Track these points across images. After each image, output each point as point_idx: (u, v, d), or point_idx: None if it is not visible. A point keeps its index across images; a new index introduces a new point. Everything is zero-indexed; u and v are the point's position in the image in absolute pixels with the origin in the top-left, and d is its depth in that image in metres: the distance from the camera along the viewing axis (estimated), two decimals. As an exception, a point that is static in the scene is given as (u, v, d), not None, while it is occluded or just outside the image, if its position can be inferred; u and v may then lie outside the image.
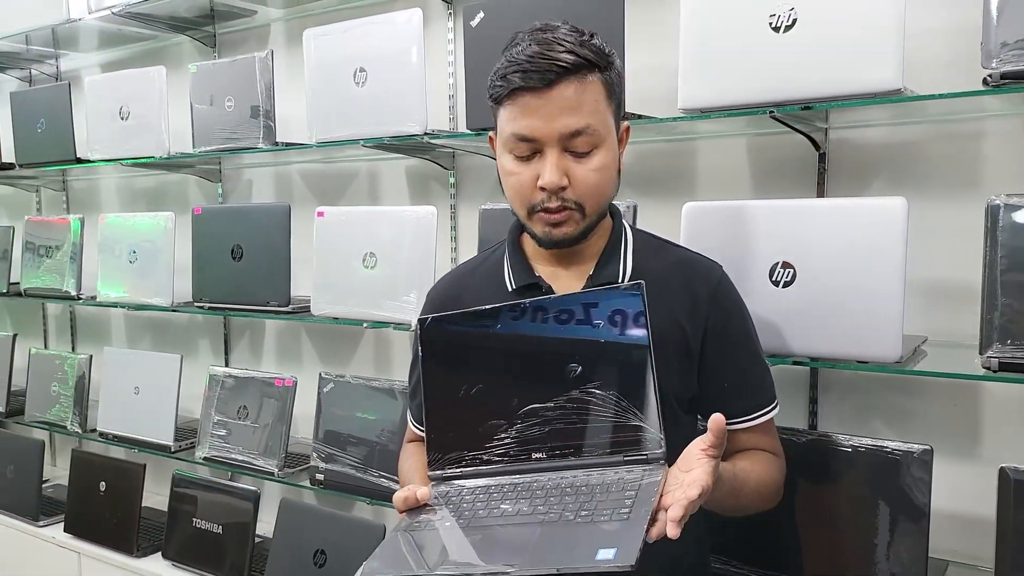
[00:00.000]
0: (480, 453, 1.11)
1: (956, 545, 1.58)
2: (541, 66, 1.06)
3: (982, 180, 1.55)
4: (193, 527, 2.31)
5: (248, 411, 2.29)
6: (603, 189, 1.13)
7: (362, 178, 2.42)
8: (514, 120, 1.11)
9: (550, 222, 1.12)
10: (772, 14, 1.44)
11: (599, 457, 1.05)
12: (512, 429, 1.10)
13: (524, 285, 1.20)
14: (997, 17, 1.28)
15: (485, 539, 0.97)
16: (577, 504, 0.97)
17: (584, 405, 1.07)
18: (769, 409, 1.22)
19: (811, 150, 1.69)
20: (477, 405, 1.12)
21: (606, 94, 1.11)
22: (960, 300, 1.55)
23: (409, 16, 1.89)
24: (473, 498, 1.06)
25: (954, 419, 1.61)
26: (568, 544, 0.91)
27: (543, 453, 1.08)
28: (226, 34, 2.68)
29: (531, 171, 1.11)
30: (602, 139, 1.11)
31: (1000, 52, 1.28)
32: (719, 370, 1.19)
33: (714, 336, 1.18)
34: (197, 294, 2.35)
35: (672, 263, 1.20)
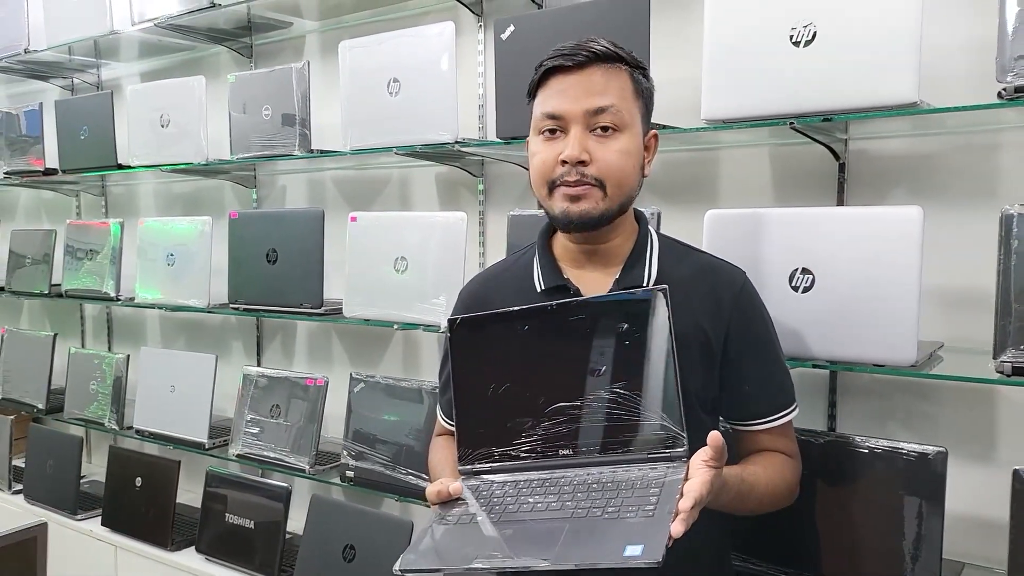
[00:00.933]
0: (508, 449, 1.15)
1: (971, 547, 1.61)
2: (574, 50, 1.16)
3: (997, 190, 1.59)
4: (226, 522, 2.39)
5: (280, 410, 2.37)
6: (625, 173, 1.17)
7: (393, 184, 2.49)
8: (544, 101, 1.18)
9: (569, 195, 1.16)
10: (792, 28, 1.49)
11: (624, 454, 1.09)
12: (540, 427, 1.13)
13: (553, 287, 1.23)
14: (1012, 32, 1.32)
15: (516, 533, 1.00)
16: (604, 500, 1.01)
17: (609, 404, 1.10)
18: (788, 412, 1.25)
19: (831, 160, 1.73)
20: (505, 403, 1.16)
21: (633, 88, 1.18)
22: (975, 307, 1.58)
23: (442, 29, 1.96)
24: (503, 492, 1.10)
25: (969, 422, 1.64)
26: (597, 540, 0.94)
27: (570, 450, 1.12)
28: (263, 45, 2.77)
29: (555, 149, 1.16)
30: (626, 124, 1.16)
31: (1014, 66, 1.32)
32: (740, 373, 1.22)
33: (736, 340, 1.21)
34: (233, 296, 2.43)
35: (696, 268, 1.24)
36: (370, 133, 2.13)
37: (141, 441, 2.75)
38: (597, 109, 1.15)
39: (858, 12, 1.43)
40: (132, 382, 2.82)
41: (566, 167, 1.15)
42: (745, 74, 1.54)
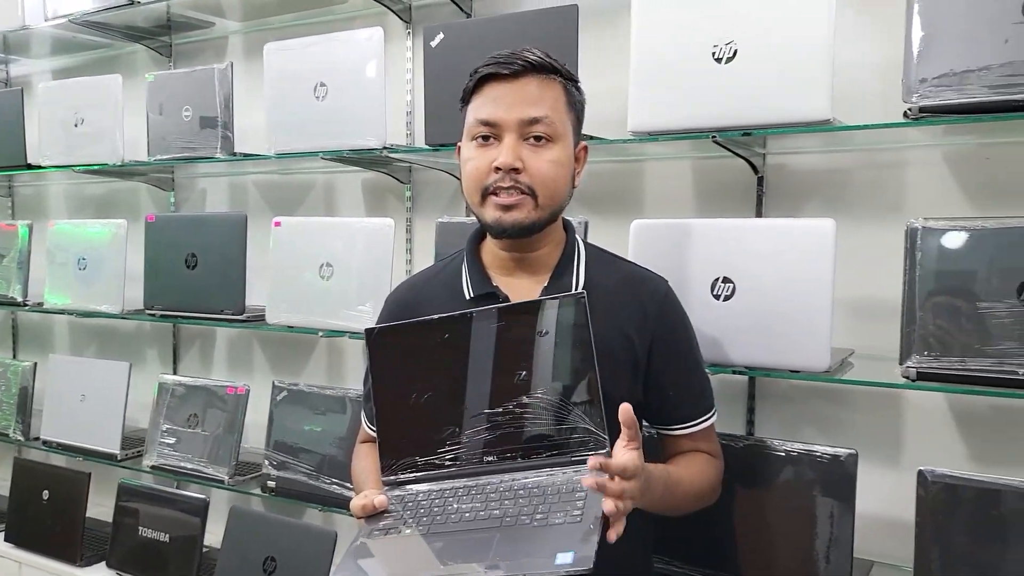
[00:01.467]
0: (432, 458, 1.14)
1: (879, 546, 1.68)
2: (510, 59, 1.17)
3: (903, 205, 1.67)
4: (139, 536, 2.30)
5: (198, 419, 2.30)
6: (556, 183, 1.19)
7: (318, 190, 2.46)
8: (479, 108, 1.19)
9: (502, 205, 1.17)
10: (715, 46, 1.54)
11: (548, 459, 1.10)
12: (463, 434, 1.13)
13: (482, 294, 1.24)
14: (917, 56, 1.40)
15: (447, 545, 1.00)
16: (532, 507, 1.02)
17: (532, 410, 1.11)
18: (709, 416, 1.29)
19: (750, 173, 1.80)
20: (428, 412, 1.15)
21: (566, 100, 1.21)
22: (883, 316, 1.66)
23: (371, 34, 1.95)
24: (429, 502, 1.09)
25: (877, 426, 1.72)
26: (528, 548, 0.95)
27: (494, 456, 1.12)
28: (182, 45, 2.70)
29: (488, 156, 1.18)
30: (559, 135, 1.19)
31: (919, 88, 1.39)
32: (664, 379, 1.25)
33: (660, 347, 1.24)
34: (149, 302, 2.36)
35: (622, 277, 1.27)
36: (296, 137, 2.10)
37: (48, 452, 2.63)
38: (531, 119, 1.16)
39: (775, 32, 1.49)
40: (39, 391, 2.70)
41: (499, 174, 1.16)
42: (670, 89, 1.59)
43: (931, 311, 1.37)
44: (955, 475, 1.38)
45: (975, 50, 1.36)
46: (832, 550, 1.45)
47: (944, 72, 1.38)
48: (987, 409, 1.62)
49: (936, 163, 1.65)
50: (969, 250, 1.35)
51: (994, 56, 1.34)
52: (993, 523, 1.34)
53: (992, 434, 1.62)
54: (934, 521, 1.39)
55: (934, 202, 1.64)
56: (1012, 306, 1.31)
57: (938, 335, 1.36)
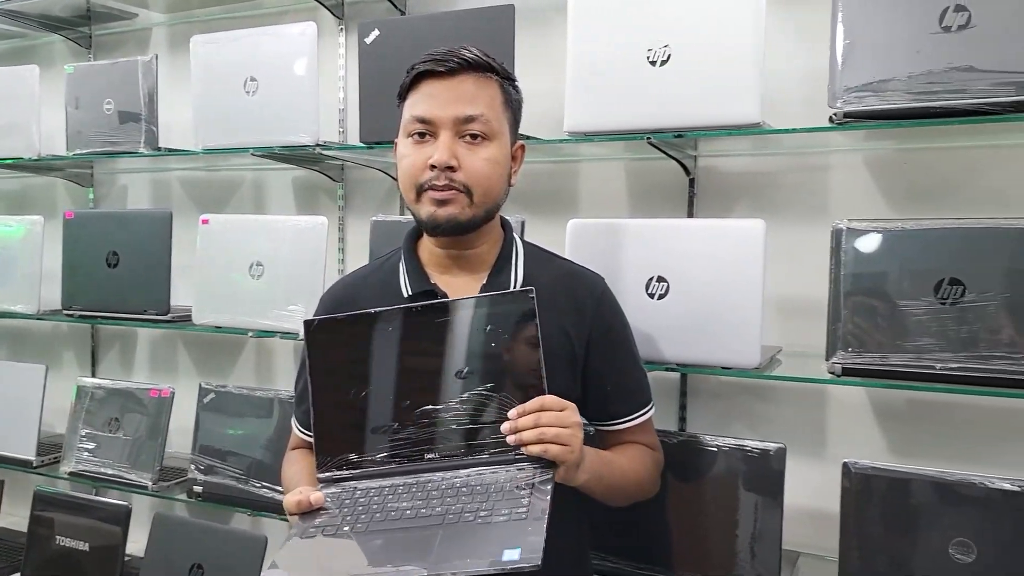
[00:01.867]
0: (371, 455, 1.12)
1: (807, 537, 1.73)
2: (447, 56, 1.17)
3: (829, 207, 1.74)
4: (56, 545, 2.20)
5: (120, 424, 2.22)
6: (492, 181, 1.19)
7: (247, 188, 2.40)
8: (415, 105, 1.19)
9: (436, 200, 1.17)
10: (649, 49, 1.56)
11: (491, 456, 1.08)
12: (404, 430, 1.11)
13: (419, 292, 1.23)
14: (841, 63, 1.45)
15: (387, 543, 0.97)
16: (475, 504, 1.00)
17: (476, 407, 1.09)
18: (646, 410, 1.31)
19: (682, 175, 1.83)
20: (367, 407, 1.13)
21: (503, 98, 1.21)
22: (809, 314, 1.72)
23: (304, 29, 1.91)
24: (367, 500, 1.07)
25: (804, 421, 1.78)
26: (472, 545, 0.93)
27: (435, 453, 1.10)
28: (103, 36, 2.61)
29: (424, 153, 1.17)
30: (495, 133, 1.19)
31: (844, 94, 1.45)
32: (602, 375, 1.27)
33: (597, 343, 1.26)
34: (67, 301, 2.26)
35: (559, 275, 1.28)
36: (224, 133, 2.04)
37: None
38: (467, 117, 1.16)
39: (708, 37, 1.52)
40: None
41: (435, 172, 1.16)
42: (606, 90, 1.61)
43: (855, 309, 1.42)
44: (877, 467, 1.43)
45: (895, 59, 1.42)
46: (761, 542, 1.49)
47: (866, 79, 1.43)
48: (905, 403, 1.69)
49: (858, 167, 1.71)
50: (890, 250, 1.41)
51: (912, 65, 1.40)
52: (912, 512, 1.40)
53: (909, 427, 1.70)
54: (858, 511, 1.44)
55: (857, 204, 1.71)
56: (930, 304, 1.37)
57: (861, 332, 1.42)
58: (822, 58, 1.49)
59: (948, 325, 1.35)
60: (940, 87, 1.38)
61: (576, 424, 1.07)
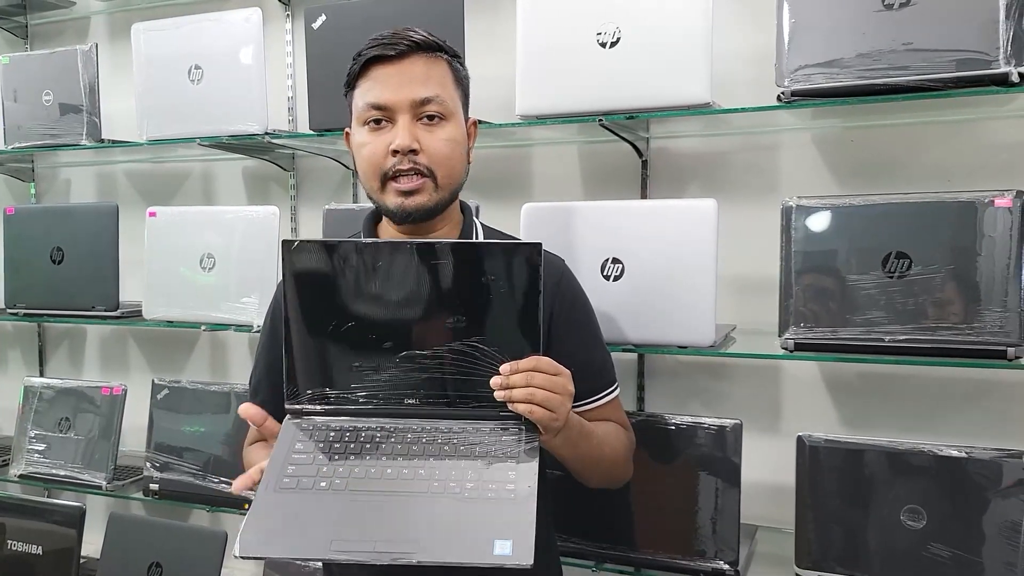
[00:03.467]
0: (347, 392, 1.06)
1: (763, 511, 1.77)
2: (394, 40, 1.15)
3: (779, 185, 1.76)
4: (8, 550, 2.15)
5: (71, 423, 2.17)
6: (453, 161, 1.18)
7: (195, 179, 2.36)
8: (367, 92, 1.17)
9: (403, 190, 1.15)
10: (600, 31, 1.57)
11: (474, 410, 1.04)
12: (385, 372, 1.05)
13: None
14: (788, 43, 1.47)
15: (371, 510, 0.93)
16: (460, 472, 0.96)
17: (465, 358, 1.04)
18: (612, 390, 1.30)
19: (635, 157, 1.84)
20: (348, 342, 1.06)
21: (453, 76, 1.20)
22: (763, 292, 1.74)
23: (249, 15, 1.87)
24: (343, 446, 1.01)
25: (759, 397, 1.81)
26: (463, 530, 0.90)
27: (416, 400, 1.05)
28: (40, 25, 2.53)
29: (384, 140, 1.16)
30: (451, 113, 1.18)
31: (791, 73, 1.47)
32: (566, 355, 1.22)
33: (560, 324, 1.25)
34: (10, 300, 2.20)
35: None
36: (170, 123, 2.00)
37: (-103, 468, 2.42)
38: (424, 99, 1.15)
39: (657, 18, 1.53)
40: None
41: (397, 157, 1.15)
42: (557, 73, 1.60)
43: (806, 285, 1.45)
44: (830, 439, 1.47)
45: (840, 38, 1.44)
46: (720, 517, 1.52)
47: (813, 59, 1.45)
48: (855, 376, 1.73)
49: (806, 145, 1.74)
50: (838, 226, 1.43)
51: (857, 43, 1.43)
52: (864, 481, 1.44)
53: (860, 399, 1.73)
54: (812, 483, 1.47)
55: (806, 182, 1.74)
56: (878, 278, 1.40)
57: (812, 307, 1.44)
58: (769, 38, 1.51)
59: (896, 298, 1.38)
60: (884, 65, 1.41)
61: (568, 393, 1.05)
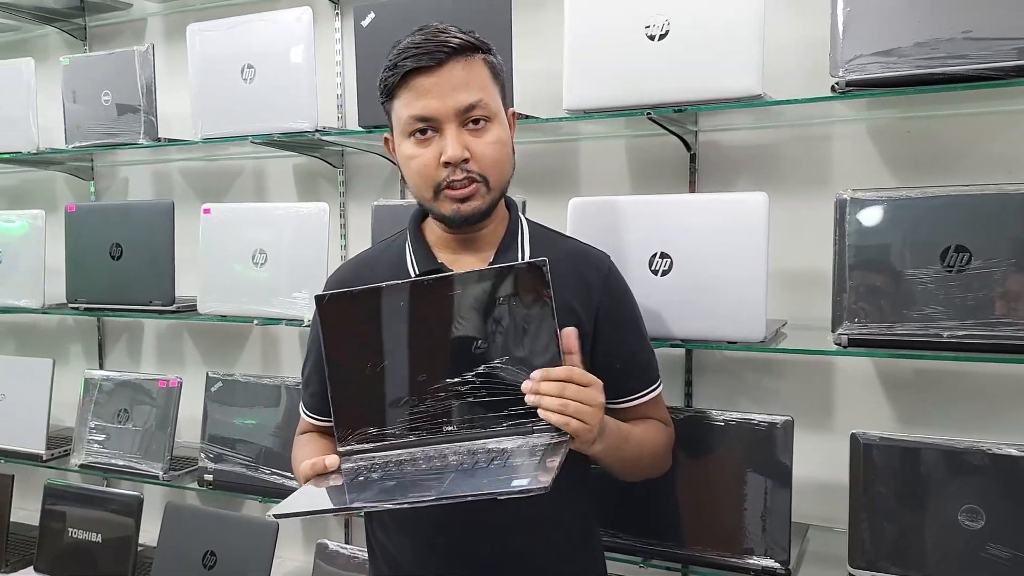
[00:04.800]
0: (390, 428, 1.13)
1: (815, 510, 1.74)
2: (430, 48, 1.14)
3: (832, 178, 1.73)
4: (69, 537, 2.22)
5: (129, 415, 2.23)
6: (503, 163, 1.19)
7: (247, 177, 2.40)
8: (410, 104, 1.16)
9: (458, 198, 1.16)
10: (648, 24, 1.55)
11: (508, 428, 1.08)
12: (422, 404, 1.11)
13: (427, 271, 1.23)
14: (843, 31, 1.44)
15: (399, 484, 1.00)
16: (489, 457, 1.02)
17: (493, 379, 1.09)
18: (656, 386, 1.31)
19: (683, 151, 1.82)
20: (384, 381, 1.13)
21: (491, 74, 1.19)
22: (814, 286, 1.71)
23: (300, 14, 1.90)
24: (385, 464, 1.08)
25: (811, 393, 1.77)
26: (483, 478, 0.96)
27: (454, 426, 1.10)
28: (98, 27, 2.59)
29: (432, 151, 1.16)
30: (494, 114, 1.18)
31: (846, 63, 1.44)
32: (611, 352, 1.26)
33: (606, 321, 1.25)
34: (72, 295, 2.27)
35: (565, 253, 1.27)
36: (223, 121, 2.04)
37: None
38: (468, 106, 1.15)
39: (707, 9, 1.51)
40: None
41: (449, 168, 1.15)
42: (604, 66, 1.60)
43: (860, 279, 1.42)
44: (885, 436, 1.44)
45: (897, 26, 1.41)
46: (770, 515, 1.50)
47: (868, 48, 1.42)
48: (912, 373, 1.69)
49: (861, 137, 1.70)
50: (894, 219, 1.40)
51: (915, 31, 1.39)
52: (921, 480, 1.41)
53: (917, 397, 1.69)
54: (866, 482, 1.44)
55: (860, 174, 1.70)
56: (936, 272, 1.36)
57: (867, 302, 1.41)
58: (823, 27, 1.48)
59: (954, 293, 1.35)
60: (943, 53, 1.38)
61: (600, 404, 1.07)
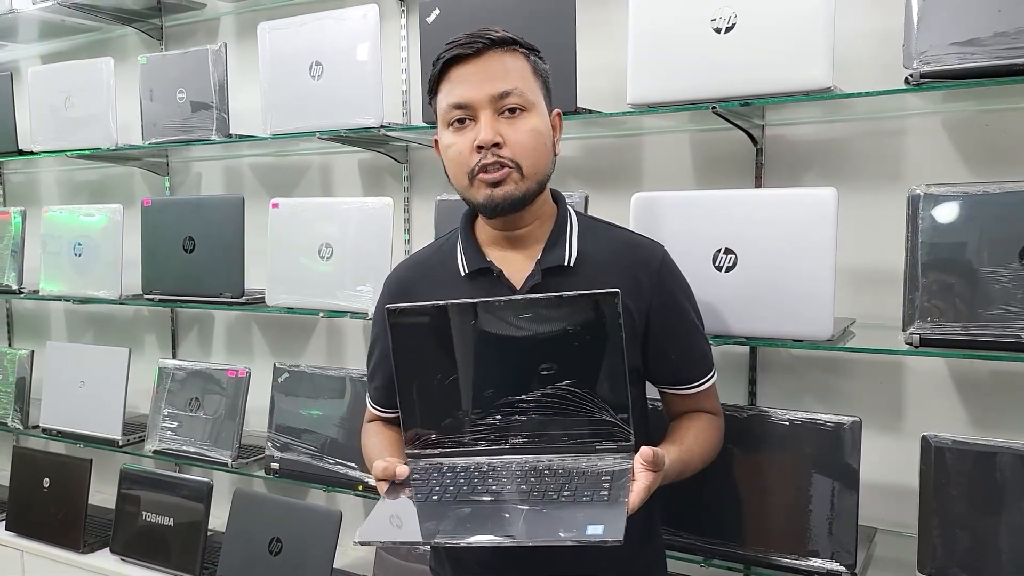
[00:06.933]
0: (458, 437, 1.17)
1: (883, 513, 1.70)
2: (470, 39, 1.17)
3: (904, 173, 1.68)
4: (143, 521, 2.30)
5: (200, 403, 2.30)
6: (538, 151, 1.19)
7: (314, 172, 2.45)
8: (449, 93, 1.19)
9: (489, 182, 1.17)
10: (714, 17, 1.53)
11: (572, 446, 1.13)
12: (487, 418, 1.15)
13: (476, 269, 1.24)
14: (918, 22, 1.40)
15: (475, 512, 1.03)
16: (558, 485, 1.05)
17: (559, 401, 1.13)
18: (710, 377, 1.31)
19: (749, 145, 1.79)
20: (451, 393, 1.17)
21: (532, 69, 1.21)
22: (884, 285, 1.67)
23: (366, 12, 1.93)
24: (454, 474, 1.12)
25: (880, 394, 1.73)
26: (556, 519, 0.98)
27: (520, 439, 1.15)
28: (173, 27, 2.67)
29: (468, 138, 1.18)
30: (532, 104, 1.19)
31: (920, 54, 1.39)
32: (666, 343, 1.27)
33: (659, 313, 1.25)
34: (147, 286, 2.35)
35: (617, 245, 1.27)
36: (292, 117, 2.08)
37: (48, 440, 2.63)
38: (503, 92, 1.16)
39: (775, 1, 1.48)
40: (37, 379, 2.69)
41: (482, 152, 1.16)
42: (669, 60, 1.58)
43: (933, 277, 1.38)
44: (958, 440, 1.39)
45: (975, 16, 1.36)
46: (837, 517, 1.47)
47: (944, 39, 1.38)
48: (987, 374, 1.63)
49: (936, 130, 1.65)
50: (970, 215, 1.36)
51: (993, 23, 1.34)
52: (995, 487, 1.36)
53: (992, 399, 1.63)
54: (938, 486, 1.40)
55: (934, 169, 1.65)
56: (1014, 270, 1.32)
57: (940, 301, 1.37)
58: (896, 17, 1.44)
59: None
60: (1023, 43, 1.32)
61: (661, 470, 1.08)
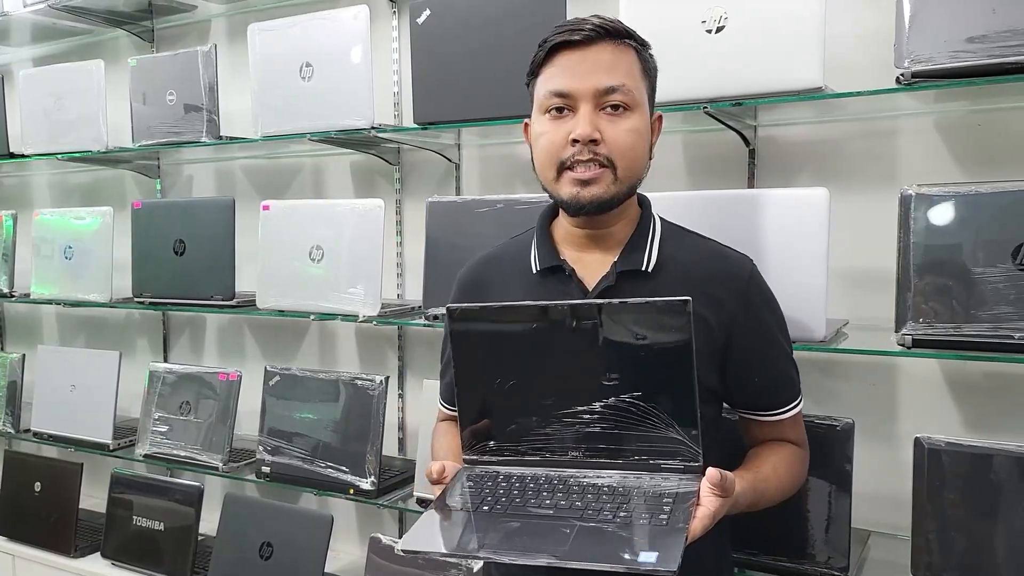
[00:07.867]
0: (515, 445, 1.10)
1: (876, 516, 1.68)
2: (582, 26, 1.10)
3: (896, 173, 1.67)
4: (133, 525, 2.29)
5: (191, 407, 2.29)
6: (635, 153, 1.12)
7: (306, 174, 2.44)
8: (550, 79, 1.12)
9: (580, 179, 1.10)
10: (705, 17, 1.52)
11: (635, 462, 1.05)
12: (547, 427, 1.08)
13: (547, 267, 1.18)
14: (909, 21, 1.39)
15: (524, 527, 0.97)
16: (615, 504, 0.98)
17: (623, 414, 1.05)
18: (796, 404, 1.22)
19: (741, 146, 1.79)
20: (512, 399, 1.10)
21: (641, 67, 1.14)
22: (877, 285, 1.66)
23: (356, 12, 1.92)
24: (508, 485, 1.06)
25: (873, 395, 1.72)
26: (608, 541, 0.91)
27: (579, 453, 1.07)
28: (164, 29, 2.67)
29: (563, 129, 1.11)
30: (636, 103, 1.11)
31: (912, 54, 1.38)
32: (748, 366, 1.18)
33: (744, 332, 1.16)
34: (137, 289, 2.33)
35: (700, 256, 1.19)
36: (282, 119, 2.07)
37: (39, 444, 2.61)
38: (608, 88, 1.09)
39: (766, 1, 1.47)
40: (28, 383, 2.68)
41: (577, 146, 1.09)
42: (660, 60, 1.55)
43: (925, 278, 1.36)
44: (952, 441, 1.38)
45: (967, 15, 1.35)
46: (830, 520, 1.46)
47: (936, 38, 1.37)
48: (981, 376, 1.62)
49: (928, 130, 1.64)
50: (963, 216, 1.35)
51: (986, 22, 1.34)
52: (989, 489, 1.35)
53: (986, 400, 1.63)
54: (931, 489, 1.39)
55: (926, 169, 1.64)
56: (1007, 270, 1.31)
57: (933, 302, 1.36)
58: (887, 17, 1.43)
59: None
60: (1016, 43, 1.32)
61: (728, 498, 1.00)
